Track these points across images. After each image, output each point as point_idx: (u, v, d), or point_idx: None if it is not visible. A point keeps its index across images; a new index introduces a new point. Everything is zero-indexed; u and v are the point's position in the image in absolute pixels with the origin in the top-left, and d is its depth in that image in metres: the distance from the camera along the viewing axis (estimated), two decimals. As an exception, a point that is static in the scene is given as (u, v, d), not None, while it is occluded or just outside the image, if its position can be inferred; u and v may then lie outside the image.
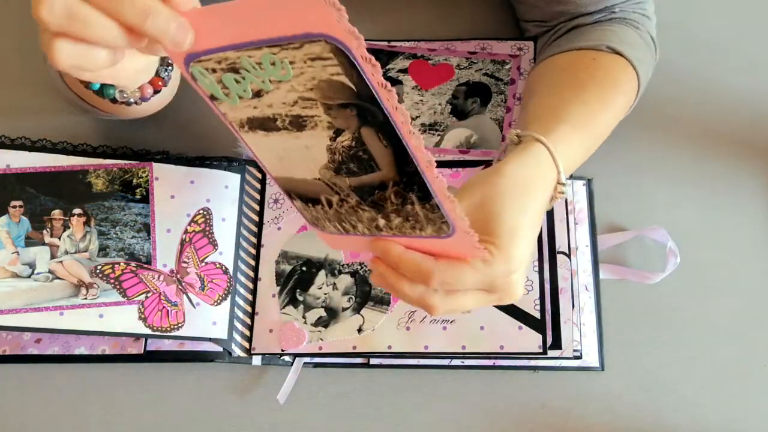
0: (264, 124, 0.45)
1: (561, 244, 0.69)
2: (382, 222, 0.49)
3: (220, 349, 0.68)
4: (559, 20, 0.74)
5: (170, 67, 0.63)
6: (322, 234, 0.54)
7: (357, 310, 0.68)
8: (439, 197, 0.45)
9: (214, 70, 0.43)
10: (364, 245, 0.53)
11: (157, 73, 0.62)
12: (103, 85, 0.60)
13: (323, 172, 0.48)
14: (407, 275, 0.51)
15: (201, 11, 0.42)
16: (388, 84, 0.39)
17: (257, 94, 0.43)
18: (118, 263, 0.69)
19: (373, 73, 0.39)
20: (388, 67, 0.78)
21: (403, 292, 0.51)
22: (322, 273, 0.70)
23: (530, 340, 0.65)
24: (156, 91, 0.62)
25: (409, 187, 0.46)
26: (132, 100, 0.61)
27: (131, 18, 0.42)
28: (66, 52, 0.43)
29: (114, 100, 0.61)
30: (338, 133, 0.44)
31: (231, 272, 0.70)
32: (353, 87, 0.40)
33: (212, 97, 0.45)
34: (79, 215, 0.70)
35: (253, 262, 0.72)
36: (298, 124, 0.44)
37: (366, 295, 0.69)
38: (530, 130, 0.59)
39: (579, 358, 0.66)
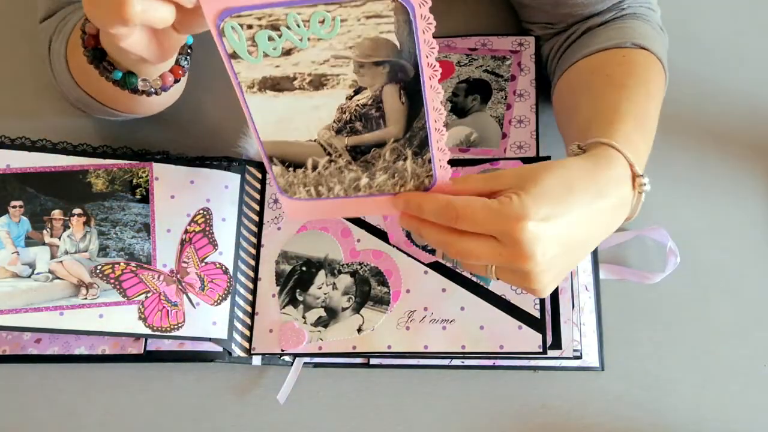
0: (279, 84, 0.49)
1: (561, 244, 0.69)
2: (364, 181, 0.54)
3: (220, 349, 0.68)
4: (567, 22, 0.74)
5: (189, 57, 0.63)
6: (288, 202, 0.57)
7: (357, 310, 0.68)
8: (435, 150, 0.51)
9: (250, 26, 0.45)
10: (329, 210, 0.57)
11: (177, 62, 0.63)
12: (125, 75, 0.60)
13: (322, 133, 0.52)
14: (430, 217, 0.52)
15: None
16: (435, 42, 0.45)
17: (287, 52, 0.47)
18: (118, 263, 0.69)
19: (425, 30, 0.44)
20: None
21: (427, 233, 0.53)
22: (321, 273, 0.70)
23: (530, 340, 0.65)
24: (176, 80, 0.63)
25: (409, 143, 0.51)
26: (153, 89, 0.62)
27: None
28: (140, 5, 0.45)
29: (135, 90, 0.61)
30: (358, 91, 0.49)
31: (231, 272, 0.70)
32: (398, 44, 0.46)
33: (233, 55, 0.47)
34: (79, 215, 0.70)
35: (253, 262, 0.72)
36: (318, 83, 0.48)
37: (366, 295, 0.69)
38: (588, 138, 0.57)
39: (579, 358, 0.66)
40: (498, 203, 0.50)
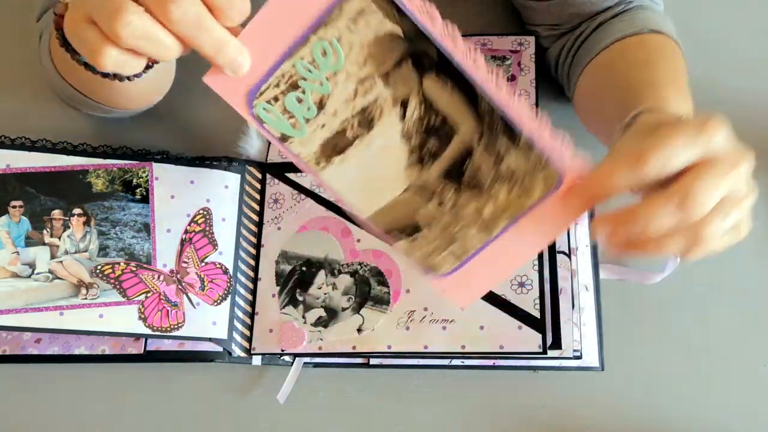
0: (336, 145, 0.46)
1: (561, 244, 0.69)
2: (488, 209, 0.46)
3: (220, 349, 0.68)
4: (574, 22, 0.74)
5: None
6: (443, 282, 0.49)
7: (357, 310, 0.68)
8: (524, 120, 0.42)
9: (276, 99, 0.44)
10: (489, 273, 0.48)
11: None
12: None
13: (409, 174, 0.46)
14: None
15: (246, 32, 0.43)
16: (430, 4, 0.41)
17: (320, 105, 0.44)
18: (118, 263, 0.69)
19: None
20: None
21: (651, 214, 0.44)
22: (321, 273, 0.70)
23: (530, 340, 0.65)
24: (148, 66, 0.52)
25: (492, 130, 0.43)
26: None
27: (207, 49, 0.44)
28: (113, 59, 0.44)
29: (106, 75, 0.54)
30: (405, 105, 0.44)
31: (231, 272, 0.70)
32: (401, 30, 0.41)
33: (283, 138, 0.45)
34: (79, 215, 0.70)
35: (253, 262, 0.72)
36: (366, 120, 0.45)
37: (366, 295, 0.69)
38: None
39: (579, 358, 0.66)
40: (683, 124, 0.45)
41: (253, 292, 0.71)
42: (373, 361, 0.69)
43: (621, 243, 0.46)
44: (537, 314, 0.65)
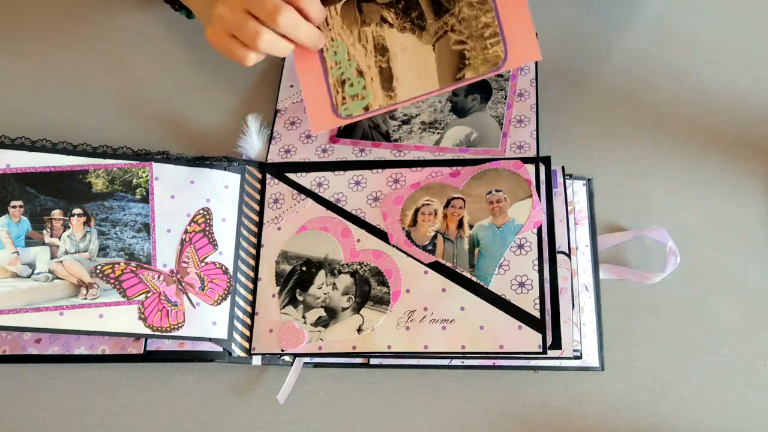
0: (386, 78, 0.71)
1: (561, 244, 0.69)
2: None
3: (220, 349, 0.68)
4: None
5: None
6: (513, 51, 0.69)
7: (357, 310, 0.68)
8: None
9: (343, 99, 0.72)
10: (513, 16, 0.70)
11: None
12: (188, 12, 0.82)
13: (425, 38, 0.71)
14: None
15: (306, 93, 0.74)
16: None
17: (360, 74, 0.71)
18: (118, 263, 0.69)
19: None
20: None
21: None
22: (321, 273, 0.70)
23: (530, 340, 0.65)
24: None
25: None
26: None
27: (305, 40, 0.69)
28: (267, 41, 0.66)
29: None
30: (385, 20, 0.71)
31: (231, 272, 0.70)
32: None
33: (366, 108, 0.72)
34: (79, 215, 0.70)
35: (253, 262, 0.72)
36: (382, 49, 0.72)
37: (366, 295, 0.69)
38: None
39: (579, 358, 0.66)
40: None
41: (253, 292, 0.71)
42: (373, 361, 0.69)
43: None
44: (537, 314, 0.65)
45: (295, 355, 0.68)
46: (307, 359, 0.69)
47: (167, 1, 0.84)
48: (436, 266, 0.69)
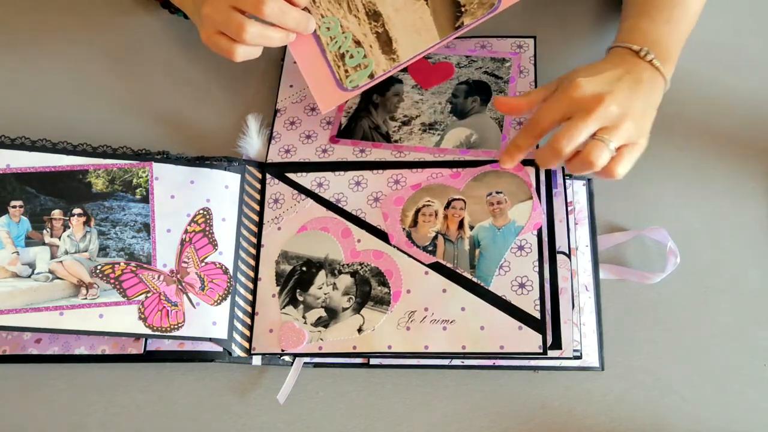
0: (384, 41, 0.72)
1: (561, 244, 0.69)
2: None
3: (220, 349, 0.68)
4: None
5: None
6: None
7: (357, 310, 0.68)
8: None
9: (347, 72, 0.73)
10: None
11: None
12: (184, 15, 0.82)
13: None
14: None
15: (307, 76, 0.73)
16: None
17: (358, 44, 0.72)
18: (118, 263, 0.69)
19: None
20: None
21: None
22: (322, 273, 0.70)
23: (530, 340, 0.65)
24: None
25: None
26: None
27: (294, 26, 0.69)
28: (253, 33, 0.67)
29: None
30: None
31: (231, 272, 0.70)
32: None
33: (371, 76, 0.73)
34: (79, 215, 0.70)
35: (253, 262, 0.72)
36: (374, 14, 0.71)
37: (366, 295, 0.69)
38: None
39: (579, 358, 0.66)
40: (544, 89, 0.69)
41: (253, 292, 0.71)
42: (373, 361, 0.69)
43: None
44: (537, 314, 0.65)
45: (295, 355, 0.68)
46: (307, 359, 0.69)
47: (164, 6, 0.84)
48: (436, 267, 0.69)
